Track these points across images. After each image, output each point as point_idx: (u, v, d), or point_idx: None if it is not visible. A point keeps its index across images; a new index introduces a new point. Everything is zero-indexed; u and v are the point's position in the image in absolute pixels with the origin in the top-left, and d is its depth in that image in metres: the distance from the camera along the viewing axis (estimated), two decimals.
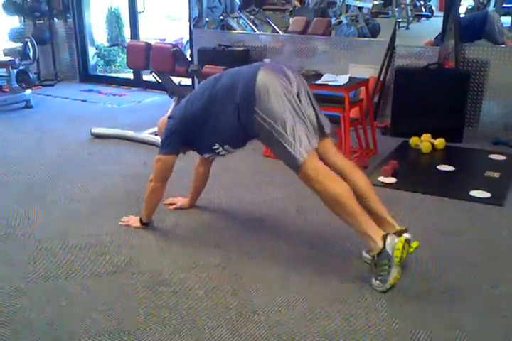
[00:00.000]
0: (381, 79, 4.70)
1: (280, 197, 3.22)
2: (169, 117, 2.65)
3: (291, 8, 7.74)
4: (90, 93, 6.37)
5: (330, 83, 3.75)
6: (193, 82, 5.97)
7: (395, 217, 2.39)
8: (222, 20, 6.10)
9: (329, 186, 2.19)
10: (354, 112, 3.90)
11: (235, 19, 6.21)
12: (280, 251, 2.52)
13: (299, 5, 7.74)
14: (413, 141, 4.15)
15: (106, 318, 2.02)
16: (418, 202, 3.14)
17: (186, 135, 2.55)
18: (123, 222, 2.85)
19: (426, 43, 5.07)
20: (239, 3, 6.11)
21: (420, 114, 4.34)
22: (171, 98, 5.17)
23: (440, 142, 4.10)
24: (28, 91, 5.60)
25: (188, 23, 6.06)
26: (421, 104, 4.35)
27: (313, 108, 2.38)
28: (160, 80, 5.19)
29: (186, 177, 3.04)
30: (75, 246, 2.60)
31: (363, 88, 4.16)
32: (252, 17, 6.45)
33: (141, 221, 2.78)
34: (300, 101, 2.32)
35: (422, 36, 5.17)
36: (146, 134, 4.39)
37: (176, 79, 5.31)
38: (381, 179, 3.46)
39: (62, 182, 3.44)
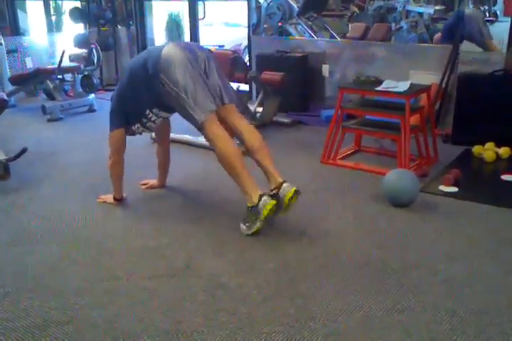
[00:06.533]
0: (443, 85, 4.59)
1: (337, 205, 3.19)
2: (110, 99, 3.09)
3: (349, 14, 7.70)
4: None
5: (390, 89, 3.69)
6: (250, 88, 6.01)
7: (459, 229, 2.32)
8: (280, 26, 6.12)
9: (222, 148, 2.68)
10: (414, 119, 3.82)
11: (293, 25, 6.22)
12: (338, 260, 2.48)
13: (357, 11, 7.68)
14: (476, 149, 4.02)
15: (164, 319, 2.06)
16: (483, 214, 3.03)
17: (124, 109, 2.99)
18: (100, 198, 3.21)
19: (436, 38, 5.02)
20: (297, 9, 6.11)
21: (484, 121, 4.20)
22: None
23: (505, 151, 3.95)
24: (92, 95, 5.79)
25: (247, 29, 6.11)
26: (485, 112, 4.21)
27: (219, 81, 2.81)
28: None
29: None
30: (135, 247, 2.67)
31: (424, 95, 4.07)
32: (310, 23, 6.43)
33: (114, 198, 3.15)
34: (206, 73, 2.77)
35: None
36: (203, 139, 4.42)
37: (234, 85, 5.38)
38: (442, 188, 3.37)
39: (124, 185, 3.51)
